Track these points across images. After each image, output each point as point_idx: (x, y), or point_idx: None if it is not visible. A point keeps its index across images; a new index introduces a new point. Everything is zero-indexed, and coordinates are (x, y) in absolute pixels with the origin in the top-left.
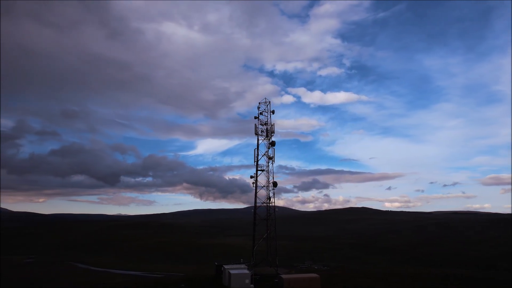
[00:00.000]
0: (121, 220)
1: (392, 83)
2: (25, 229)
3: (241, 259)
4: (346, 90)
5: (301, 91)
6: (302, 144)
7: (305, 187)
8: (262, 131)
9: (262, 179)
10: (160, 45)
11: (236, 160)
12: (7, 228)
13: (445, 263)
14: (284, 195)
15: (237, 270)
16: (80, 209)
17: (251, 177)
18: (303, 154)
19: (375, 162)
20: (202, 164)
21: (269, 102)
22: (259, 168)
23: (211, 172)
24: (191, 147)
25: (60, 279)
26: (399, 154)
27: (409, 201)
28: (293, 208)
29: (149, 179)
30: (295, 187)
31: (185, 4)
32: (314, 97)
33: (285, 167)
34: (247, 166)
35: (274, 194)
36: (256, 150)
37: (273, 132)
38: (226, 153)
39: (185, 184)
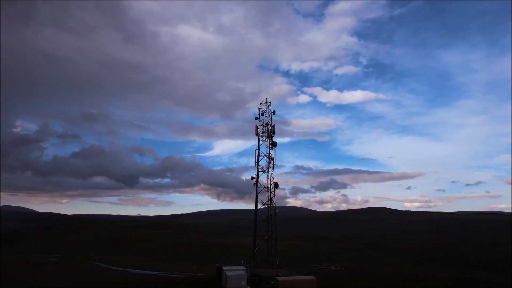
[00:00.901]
0: (141, 221)
1: (411, 81)
2: (49, 229)
3: (242, 260)
4: (363, 88)
5: (317, 90)
6: (319, 144)
7: (323, 187)
8: (263, 132)
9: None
10: (176, 48)
11: (252, 161)
12: (33, 228)
13: (465, 265)
14: (302, 196)
15: (233, 272)
16: (101, 210)
17: (252, 178)
18: (320, 154)
19: (394, 161)
20: (219, 165)
21: (270, 102)
22: (260, 169)
23: (228, 173)
24: (208, 148)
25: (81, 278)
26: (419, 153)
27: (429, 201)
28: (311, 208)
29: (167, 180)
30: (312, 187)
31: (200, 6)
32: (330, 96)
33: (302, 167)
34: (264, 167)
35: (274, 195)
36: (257, 151)
37: (273, 132)
38: (242, 153)
39: (202, 185)
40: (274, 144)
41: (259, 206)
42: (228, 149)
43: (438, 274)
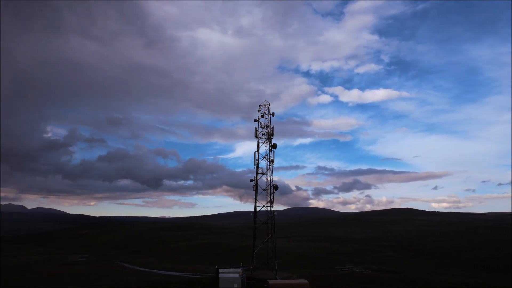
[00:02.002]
0: (165, 222)
1: (436, 78)
2: (78, 230)
3: (241, 263)
4: (386, 87)
5: (338, 90)
6: (341, 144)
7: (346, 188)
8: (263, 134)
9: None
10: (196, 51)
11: (274, 162)
12: (64, 229)
13: (497, 269)
14: (324, 197)
15: (227, 274)
16: (127, 212)
17: (251, 180)
18: (343, 154)
19: (420, 161)
20: (241, 167)
21: (269, 104)
22: (259, 172)
23: (250, 174)
24: (230, 150)
25: (108, 278)
26: (446, 151)
27: (458, 202)
28: (334, 209)
29: (190, 182)
30: (335, 188)
31: (218, 9)
32: (352, 95)
33: (325, 168)
34: (286, 168)
35: (273, 198)
36: (256, 153)
37: (272, 134)
38: (264, 155)
39: (225, 187)
40: (274, 146)
41: (262, 208)
42: (250, 150)
43: (455, 279)
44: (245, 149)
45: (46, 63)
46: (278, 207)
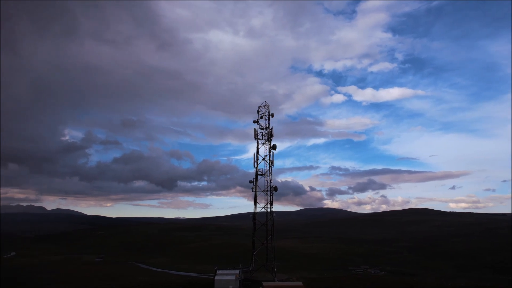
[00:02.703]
0: (180, 223)
1: (452, 75)
2: (95, 231)
3: (240, 264)
4: (400, 85)
5: (351, 89)
6: (356, 144)
7: (361, 188)
8: (263, 135)
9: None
10: (208, 53)
11: (288, 163)
12: (81, 230)
13: None
14: (339, 197)
15: (222, 276)
16: (142, 213)
17: (250, 182)
18: (357, 154)
19: (436, 160)
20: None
21: (268, 105)
22: (259, 173)
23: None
24: (243, 151)
25: (123, 278)
26: (464, 150)
27: (478, 202)
28: (349, 210)
29: (204, 183)
30: (349, 188)
31: (229, 11)
32: (366, 94)
33: (339, 168)
34: (300, 168)
35: (272, 199)
36: (255, 154)
37: (272, 135)
38: (277, 155)
39: (238, 188)
40: (273, 147)
41: (263, 210)
42: (263, 151)
43: (472, 283)
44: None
45: (62, 67)
46: (292, 207)
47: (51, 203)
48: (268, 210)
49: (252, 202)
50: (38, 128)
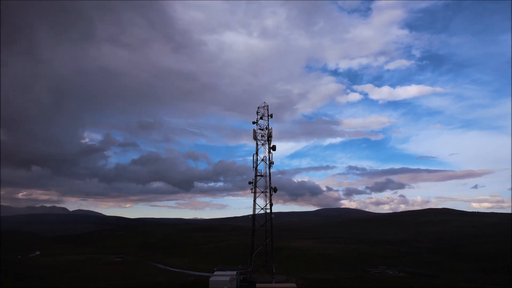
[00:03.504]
0: (197, 224)
1: (472, 71)
2: (115, 232)
3: (240, 265)
4: (418, 82)
5: (368, 87)
6: (373, 143)
7: (378, 188)
8: (262, 136)
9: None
10: (223, 55)
11: (304, 163)
12: (102, 230)
13: None
14: (356, 197)
15: (217, 277)
16: (160, 213)
17: (250, 183)
18: (374, 153)
19: (457, 159)
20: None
21: (267, 106)
22: (258, 174)
23: (280, 175)
24: (259, 151)
25: (142, 277)
26: (486, 148)
27: (502, 201)
28: (366, 210)
29: (220, 184)
30: (367, 188)
31: (243, 12)
32: (382, 93)
33: (356, 168)
34: (316, 168)
35: (271, 200)
36: (255, 155)
37: (271, 136)
38: (294, 156)
39: None
40: (273, 148)
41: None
42: (279, 151)
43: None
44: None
45: (81, 72)
46: (309, 207)
47: (72, 204)
48: (268, 211)
49: (276, 205)
50: (59, 131)
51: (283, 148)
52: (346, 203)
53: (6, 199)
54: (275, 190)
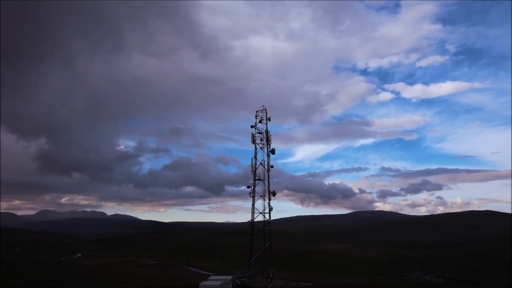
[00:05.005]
0: (229, 227)
1: None
2: (150, 235)
3: (238, 270)
4: (454, 79)
5: (399, 86)
6: (407, 143)
7: (414, 189)
8: (261, 139)
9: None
10: (250, 59)
11: (335, 165)
12: (137, 234)
13: None
14: (391, 199)
15: (209, 282)
16: (193, 217)
17: (248, 187)
18: (409, 154)
19: (500, 158)
20: (301, 171)
21: (266, 109)
22: (257, 178)
23: (310, 178)
24: (289, 154)
25: (174, 280)
26: None
27: None
28: (401, 212)
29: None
30: (402, 189)
31: (268, 15)
32: (415, 91)
33: (389, 169)
34: (347, 170)
35: (270, 204)
36: (253, 159)
37: (269, 140)
38: (325, 158)
39: (285, 191)
40: (272, 152)
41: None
42: (309, 154)
43: None
44: (305, 153)
45: (114, 81)
46: (341, 210)
47: (110, 208)
48: (266, 216)
49: (304, 206)
50: (96, 139)
51: (313, 150)
52: (380, 206)
53: (51, 204)
54: (273, 194)
